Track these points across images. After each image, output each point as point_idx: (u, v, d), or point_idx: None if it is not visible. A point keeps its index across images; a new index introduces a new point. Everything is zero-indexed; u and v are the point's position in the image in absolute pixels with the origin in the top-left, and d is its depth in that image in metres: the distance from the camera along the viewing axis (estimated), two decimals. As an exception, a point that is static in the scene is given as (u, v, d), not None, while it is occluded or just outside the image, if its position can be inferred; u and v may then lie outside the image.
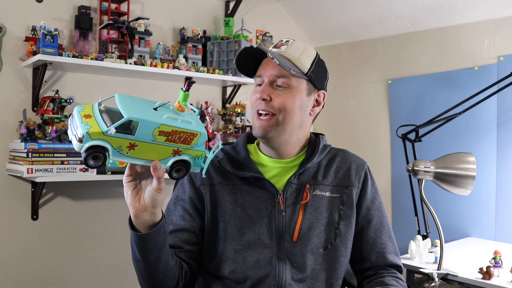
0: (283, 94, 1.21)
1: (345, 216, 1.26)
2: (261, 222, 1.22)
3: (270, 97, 1.21)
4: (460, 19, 2.74)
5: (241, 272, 1.20)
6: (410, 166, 1.99)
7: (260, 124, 1.22)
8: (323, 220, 1.24)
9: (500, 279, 1.84)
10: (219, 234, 1.23)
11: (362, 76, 3.27)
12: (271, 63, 1.21)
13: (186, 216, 1.25)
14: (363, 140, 3.24)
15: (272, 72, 1.22)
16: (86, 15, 2.38)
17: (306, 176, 1.27)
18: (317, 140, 1.33)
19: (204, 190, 1.25)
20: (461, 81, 2.74)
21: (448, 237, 2.40)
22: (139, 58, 2.47)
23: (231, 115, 2.94)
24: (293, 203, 1.24)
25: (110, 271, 2.58)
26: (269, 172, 1.28)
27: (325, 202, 1.25)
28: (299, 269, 1.21)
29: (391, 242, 1.32)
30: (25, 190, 2.33)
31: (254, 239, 1.21)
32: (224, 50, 2.80)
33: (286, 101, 1.21)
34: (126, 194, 1.00)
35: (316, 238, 1.22)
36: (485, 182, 2.58)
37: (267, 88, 1.21)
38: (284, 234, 1.22)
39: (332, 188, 1.27)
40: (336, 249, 1.24)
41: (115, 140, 0.86)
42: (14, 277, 2.30)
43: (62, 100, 2.29)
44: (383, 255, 1.29)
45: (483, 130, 2.64)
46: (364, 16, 3.05)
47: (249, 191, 1.25)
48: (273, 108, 1.21)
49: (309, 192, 1.24)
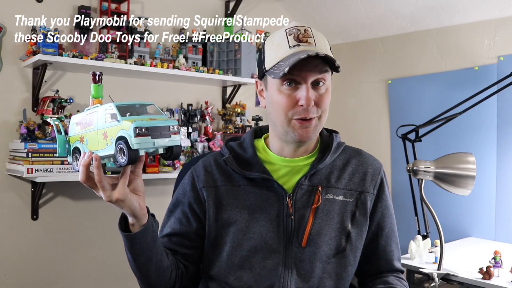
0: (324, 93, 1.12)
1: (357, 224, 1.18)
2: (268, 226, 1.14)
3: (314, 100, 1.10)
4: (460, 19, 2.74)
5: (246, 280, 1.14)
6: (410, 166, 1.98)
7: (305, 129, 1.11)
8: (334, 226, 1.16)
9: (500, 279, 1.84)
10: (224, 238, 1.17)
11: (362, 76, 3.27)
12: (315, 62, 1.07)
13: (183, 220, 1.21)
14: (363, 140, 3.24)
15: (314, 73, 1.08)
16: (86, 15, 2.38)
17: (318, 178, 1.18)
18: (330, 138, 1.24)
19: (206, 192, 1.19)
20: (461, 81, 2.73)
21: (448, 237, 2.40)
22: (139, 58, 2.47)
23: (231, 115, 2.94)
24: (303, 206, 1.15)
25: (110, 271, 2.57)
26: (277, 171, 1.19)
27: (337, 207, 1.17)
28: (305, 277, 1.13)
29: (397, 249, 1.28)
30: (25, 190, 2.33)
31: (261, 243, 1.14)
32: (224, 50, 2.79)
33: (328, 100, 1.13)
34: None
35: (326, 245, 1.14)
36: (485, 182, 2.58)
37: (312, 93, 1.08)
38: (292, 239, 1.14)
39: (346, 192, 1.18)
40: (346, 258, 1.16)
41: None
42: (14, 277, 2.30)
43: (62, 100, 2.29)
44: (390, 262, 1.25)
45: (483, 130, 2.64)
46: (364, 16, 3.05)
47: (255, 193, 1.17)
48: (317, 111, 1.11)
49: (321, 196, 1.16)
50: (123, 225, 1.07)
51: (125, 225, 1.07)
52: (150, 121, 0.91)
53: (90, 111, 0.99)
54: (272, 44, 1.13)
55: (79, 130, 1.00)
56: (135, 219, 1.03)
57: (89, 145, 0.97)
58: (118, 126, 0.91)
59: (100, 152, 0.95)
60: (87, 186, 0.96)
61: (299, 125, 1.11)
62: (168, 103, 2.78)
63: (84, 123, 0.99)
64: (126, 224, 1.06)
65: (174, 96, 2.81)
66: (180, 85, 2.83)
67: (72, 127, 1.03)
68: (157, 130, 0.91)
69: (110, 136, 0.92)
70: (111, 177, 0.98)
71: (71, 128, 1.03)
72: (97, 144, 0.96)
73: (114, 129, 0.91)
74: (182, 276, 1.20)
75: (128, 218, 1.05)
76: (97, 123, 0.95)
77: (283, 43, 1.10)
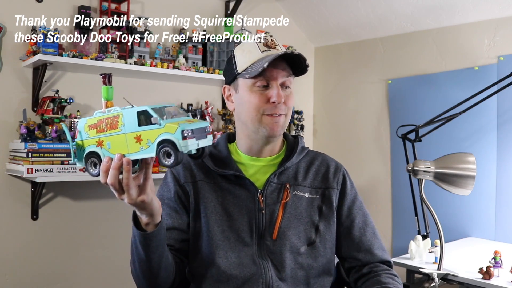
0: (290, 94, 1.26)
1: (325, 217, 1.29)
2: (241, 220, 1.24)
3: (283, 99, 1.24)
4: (460, 19, 2.74)
5: (224, 270, 1.21)
6: (410, 166, 1.99)
7: (275, 124, 1.24)
8: (302, 220, 1.26)
9: (500, 279, 1.84)
10: (201, 231, 1.25)
11: (362, 76, 3.27)
12: (283, 65, 1.22)
13: (173, 214, 1.27)
14: (363, 140, 3.24)
15: (284, 74, 1.24)
16: (86, 15, 2.39)
17: (286, 176, 1.29)
18: (295, 140, 1.37)
19: (188, 187, 1.27)
20: (461, 81, 2.74)
21: (448, 237, 2.40)
22: (139, 58, 2.47)
23: (231, 115, 2.94)
24: (273, 202, 1.26)
25: (110, 271, 2.58)
26: (248, 170, 1.30)
27: (304, 203, 1.28)
28: (279, 267, 1.22)
29: (377, 239, 1.35)
30: (25, 190, 2.33)
31: (235, 236, 1.23)
32: (224, 50, 2.79)
33: (292, 101, 1.28)
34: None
35: (296, 238, 1.24)
36: (485, 182, 2.58)
37: (281, 92, 1.23)
38: (264, 233, 1.24)
39: (311, 190, 1.30)
40: (316, 249, 1.26)
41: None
42: (14, 277, 2.30)
43: (62, 100, 2.29)
44: (370, 251, 1.32)
45: (483, 130, 2.64)
46: (364, 16, 3.05)
47: (229, 189, 1.27)
48: (285, 109, 1.25)
49: (289, 192, 1.27)
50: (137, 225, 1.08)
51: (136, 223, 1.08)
52: (191, 123, 0.94)
53: (109, 114, 0.98)
54: (242, 51, 1.26)
55: (95, 133, 0.99)
56: (151, 218, 1.05)
57: (113, 149, 0.97)
58: (158, 129, 0.92)
59: (131, 156, 0.95)
60: (112, 189, 0.96)
61: (270, 119, 1.23)
62: (168, 103, 2.77)
63: (103, 127, 0.98)
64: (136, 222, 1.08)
65: (174, 96, 2.81)
66: (180, 85, 2.83)
67: (82, 131, 1.02)
68: (199, 131, 0.94)
69: (146, 139, 0.93)
70: (133, 179, 0.99)
71: (81, 133, 1.02)
72: (125, 147, 0.96)
73: (153, 132, 0.93)
74: (180, 270, 1.24)
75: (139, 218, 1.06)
76: (125, 126, 0.95)
77: (253, 50, 1.24)
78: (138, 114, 0.94)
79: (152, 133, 0.93)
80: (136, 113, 0.94)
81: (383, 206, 3.09)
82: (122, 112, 0.96)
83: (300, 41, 3.46)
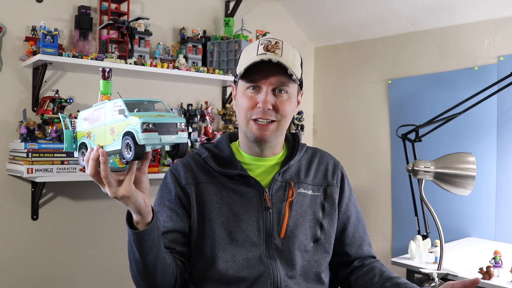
0: (284, 101, 1.22)
1: (328, 214, 1.30)
2: (249, 220, 1.22)
3: (272, 105, 1.20)
4: (460, 19, 2.74)
5: (233, 272, 1.19)
6: (410, 166, 1.99)
7: (260, 130, 1.21)
8: (307, 217, 1.27)
9: (500, 279, 1.84)
10: (206, 233, 1.23)
11: (362, 76, 3.27)
12: (272, 69, 1.19)
13: (174, 217, 1.24)
14: (363, 140, 3.24)
15: (274, 79, 1.20)
16: (86, 15, 2.39)
17: (289, 174, 1.29)
18: (295, 138, 1.37)
19: (189, 189, 1.25)
20: (461, 81, 2.74)
21: (448, 237, 2.40)
22: (139, 58, 2.47)
23: (231, 115, 2.94)
24: (280, 201, 1.26)
25: (110, 271, 2.58)
26: (252, 170, 1.29)
27: (308, 200, 1.28)
28: (289, 266, 1.22)
29: (367, 235, 1.40)
30: (25, 190, 2.33)
31: (242, 237, 1.21)
32: (224, 50, 2.80)
33: (288, 108, 1.23)
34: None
35: (303, 235, 1.25)
36: (485, 182, 2.58)
37: (271, 97, 1.20)
38: (272, 232, 1.23)
39: (313, 187, 1.31)
40: (321, 246, 1.28)
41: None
42: (14, 277, 2.30)
43: (62, 100, 2.29)
44: (360, 247, 1.36)
45: (483, 130, 2.64)
46: (364, 16, 3.05)
47: (234, 189, 1.25)
48: (276, 116, 1.21)
49: (294, 190, 1.27)
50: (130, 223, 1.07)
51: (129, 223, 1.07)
52: (157, 117, 0.91)
53: (98, 107, 0.99)
54: (245, 52, 1.25)
55: (87, 125, 1.01)
56: (140, 216, 1.03)
57: (96, 141, 0.98)
58: (125, 121, 0.91)
59: (107, 148, 0.94)
60: (95, 181, 0.96)
61: (256, 126, 1.21)
62: (168, 103, 2.78)
63: (91, 119, 1.00)
64: (131, 222, 1.07)
65: (174, 96, 2.81)
66: (180, 85, 2.83)
67: (79, 122, 1.04)
68: (165, 126, 0.91)
69: (117, 131, 0.93)
70: (118, 173, 0.98)
71: (78, 124, 1.04)
72: (104, 140, 0.96)
73: (122, 125, 0.91)
74: (182, 273, 1.23)
75: (132, 216, 1.05)
76: (105, 119, 0.95)
77: (253, 52, 1.22)
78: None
79: (121, 126, 0.91)
80: (113, 105, 0.94)
81: (383, 206, 3.09)
82: (105, 105, 0.96)
83: (300, 41, 3.46)
